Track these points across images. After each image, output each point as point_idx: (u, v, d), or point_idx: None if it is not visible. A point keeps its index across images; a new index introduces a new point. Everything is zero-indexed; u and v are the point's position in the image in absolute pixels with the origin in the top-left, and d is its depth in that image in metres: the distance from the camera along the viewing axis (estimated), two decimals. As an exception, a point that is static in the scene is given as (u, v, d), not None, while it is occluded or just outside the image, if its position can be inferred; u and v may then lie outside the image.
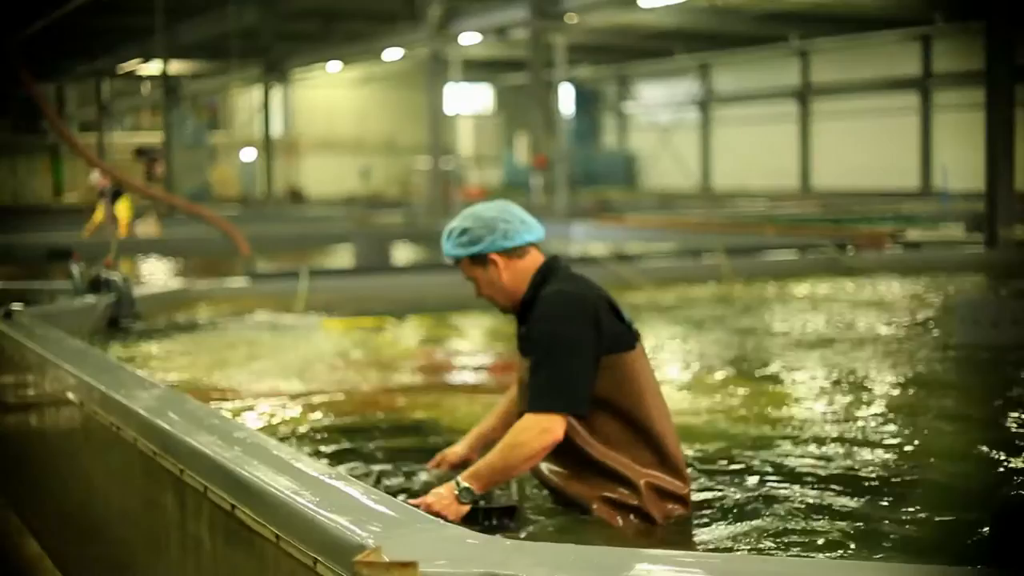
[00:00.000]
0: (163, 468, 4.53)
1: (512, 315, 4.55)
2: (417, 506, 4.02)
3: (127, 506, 5.19)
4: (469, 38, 29.78)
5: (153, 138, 49.54)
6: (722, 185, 46.26)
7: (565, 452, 4.21)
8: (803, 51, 42.49)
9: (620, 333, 4.29)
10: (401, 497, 4.63)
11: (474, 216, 4.48)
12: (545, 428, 4.11)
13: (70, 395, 5.98)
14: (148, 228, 23.03)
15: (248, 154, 50.91)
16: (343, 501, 3.53)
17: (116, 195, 22.88)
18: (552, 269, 4.43)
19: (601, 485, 4.22)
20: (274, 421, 6.82)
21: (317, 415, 7.03)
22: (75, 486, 6.18)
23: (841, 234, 18.44)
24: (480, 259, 4.45)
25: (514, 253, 4.44)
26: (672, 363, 9.28)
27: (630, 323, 4.36)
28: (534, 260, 4.48)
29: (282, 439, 6.19)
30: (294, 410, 7.19)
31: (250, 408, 7.23)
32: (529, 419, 4.14)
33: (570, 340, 4.18)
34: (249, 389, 7.90)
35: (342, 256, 21.42)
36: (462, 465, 4.68)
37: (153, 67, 43.04)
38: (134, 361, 8.57)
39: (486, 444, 4.76)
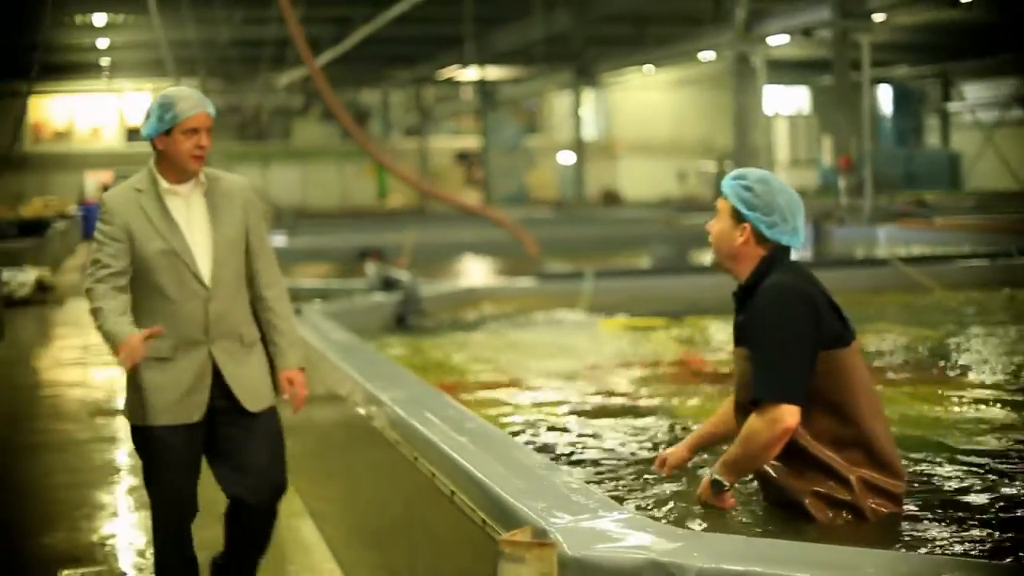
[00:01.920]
0: (402, 456, 4.79)
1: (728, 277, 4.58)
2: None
3: (381, 495, 5.49)
4: (777, 40, 29.49)
5: (473, 142, 50.88)
6: (1050, 187, 44.28)
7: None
8: None
9: (838, 329, 4.29)
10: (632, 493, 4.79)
11: (767, 186, 4.46)
12: (774, 418, 4.16)
13: (338, 388, 6.35)
14: None
15: (566, 157, 51.50)
16: (544, 489, 3.71)
17: None
18: (776, 260, 4.44)
19: (814, 479, 4.23)
20: (525, 412, 7.04)
21: (569, 407, 7.24)
22: (344, 475, 6.55)
23: None
24: (737, 215, 4.48)
25: (763, 239, 4.47)
26: (960, 365, 9.12)
27: (847, 320, 4.38)
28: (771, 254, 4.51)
29: (527, 430, 6.42)
30: (548, 401, 7.42)
31: (508, 399, 7.49)
32: (759, 410, 4.21)
33: (792, 331, 4.22)
34: (513, 382, 8.17)
35: (645, 258, 21.53)
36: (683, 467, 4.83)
37: (470, 73, 44.10)
38: (410, 358, 8.93)
39: (706, 446, 4.86)
